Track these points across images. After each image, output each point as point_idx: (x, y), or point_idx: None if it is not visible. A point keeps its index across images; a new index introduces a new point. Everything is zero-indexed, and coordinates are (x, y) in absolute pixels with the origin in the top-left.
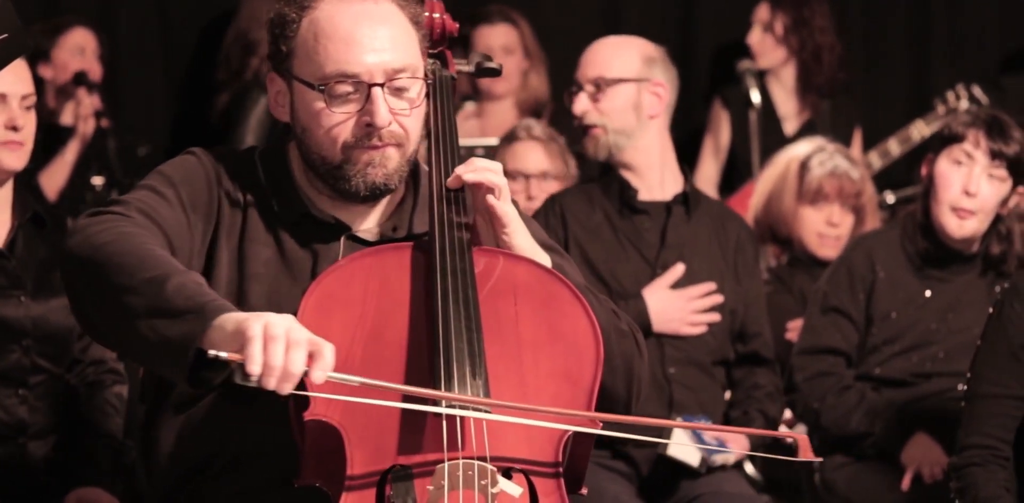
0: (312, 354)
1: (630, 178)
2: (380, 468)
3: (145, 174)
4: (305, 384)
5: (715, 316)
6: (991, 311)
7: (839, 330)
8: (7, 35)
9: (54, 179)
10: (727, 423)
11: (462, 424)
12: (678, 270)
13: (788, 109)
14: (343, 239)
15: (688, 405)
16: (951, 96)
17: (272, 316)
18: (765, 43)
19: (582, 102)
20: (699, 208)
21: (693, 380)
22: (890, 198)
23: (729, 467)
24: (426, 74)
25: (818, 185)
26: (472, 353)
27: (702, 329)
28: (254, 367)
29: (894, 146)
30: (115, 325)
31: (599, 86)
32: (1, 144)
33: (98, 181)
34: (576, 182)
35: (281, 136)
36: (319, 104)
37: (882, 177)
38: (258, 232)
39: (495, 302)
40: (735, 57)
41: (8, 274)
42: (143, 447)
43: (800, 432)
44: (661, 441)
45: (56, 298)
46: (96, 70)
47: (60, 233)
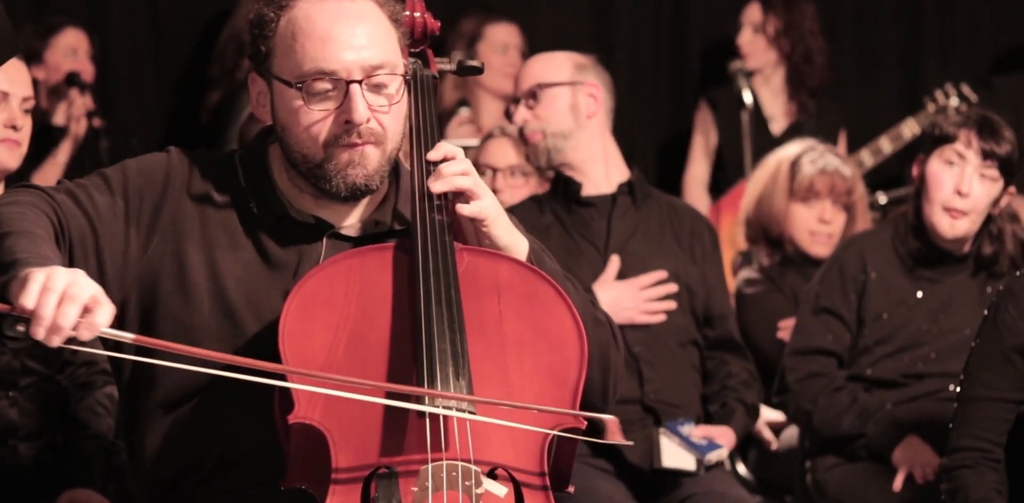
0: (88, 310)
1: (574, 175)
2: (365, 470)
3: None
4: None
5: (670, 304)
6: (985, 313)
7: (831, 331)
8: None
9: (46, 179)
10: (707, 417)
11: (446, 425)
12: (615, 262)
13: (775, 110)
14: (325, 238)
15: (656, 380)
16: (940, 94)
17: (61, 270)
18: (756, 44)
19: (521, 113)
20: (648, 199)
21: (659, 358)
22: (882, 199)
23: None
24: (405, 70)
25: (809, 182)
26: (455, 353)
27: (659, 318)
28: (25, 313)
29: (886, 144)
30: None
31: (535, 94)
32: (0, 141)
33: None
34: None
35: (262, 138)
36: (298, 102)
37: (874, 177)
38: (235, 235)
39: (478, 301)
40: (723, 58)
41: None
42: (128, 449)
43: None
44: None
45: None
46: (88, 70)
47: None
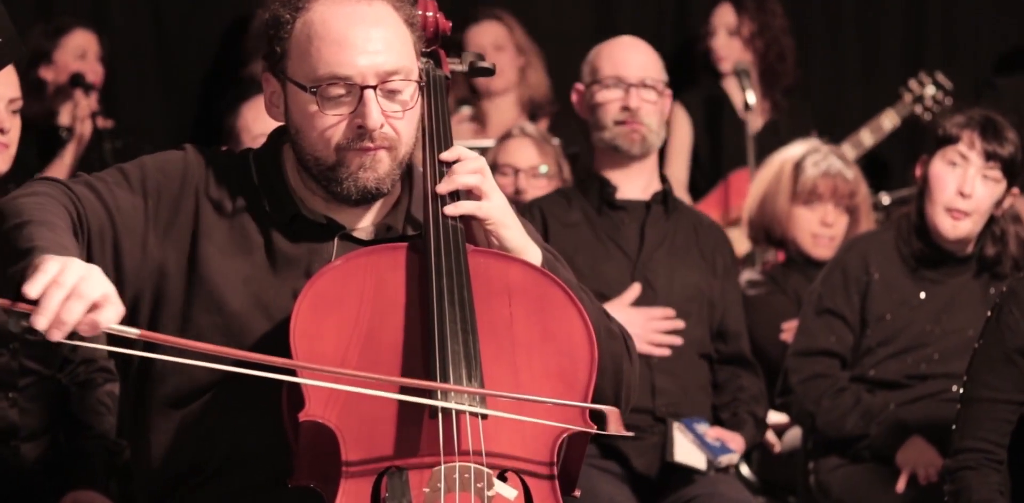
0: (96, 307)
1: (612, 178)
2: (375, 469)
3: None
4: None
5: (676, 339)
6: (989, 315)
7: (834, 332)
8: (1, 40)
9: None
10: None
11: (458, 424)
12: (635, 289)
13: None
14: (337, 239)
15: (670, 390)
16: (915, 84)
17: (77, 264)
18: (731, 47)
19: (639, 99)
20: (677, 210)
21: (674, 369)
22: (885, 199)
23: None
24: (420, 77)
25: (812, 185)
26: (468, 355)
27: (664, 351)
28: (30, 302)
29: (866, 136)
30: None
31: (658, 89)
32: None
33: None
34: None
35: (275, 137)
36: (312, 106)
37: (877, 179)
38: (248, 233)
39: (490, 303)
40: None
41: None
42: (133, 447)
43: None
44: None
45: None
46: (98, 72)
47: None
